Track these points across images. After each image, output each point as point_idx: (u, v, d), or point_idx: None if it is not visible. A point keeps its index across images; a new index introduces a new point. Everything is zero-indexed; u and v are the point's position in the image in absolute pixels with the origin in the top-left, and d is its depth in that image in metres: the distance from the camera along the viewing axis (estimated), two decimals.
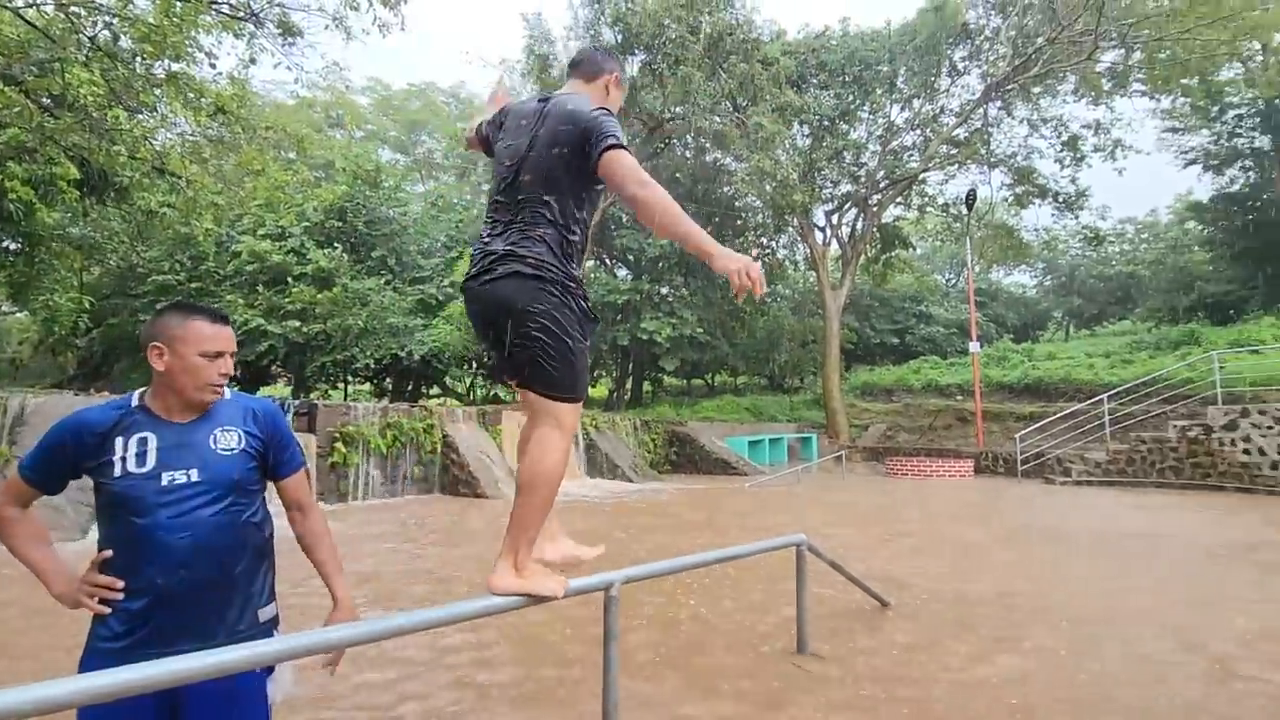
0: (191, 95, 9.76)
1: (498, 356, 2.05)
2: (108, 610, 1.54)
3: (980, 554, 6.26)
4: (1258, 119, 23.94)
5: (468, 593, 4.56)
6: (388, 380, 21.53)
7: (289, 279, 16.98)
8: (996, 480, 14.72)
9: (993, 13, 20.54)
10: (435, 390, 23.27)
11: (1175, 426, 12.51)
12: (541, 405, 1.98)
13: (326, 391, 21.01)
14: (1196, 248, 31.41)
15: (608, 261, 25.80)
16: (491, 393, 24.22)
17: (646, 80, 18.60)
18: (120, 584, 1.54)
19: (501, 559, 2.02)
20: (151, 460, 1.59)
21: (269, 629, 1.72)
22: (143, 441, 1.60)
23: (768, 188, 18.69)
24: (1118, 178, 21.19)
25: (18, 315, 20.36)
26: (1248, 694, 2.99)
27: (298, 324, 16.52)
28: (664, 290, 22.33)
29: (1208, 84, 20.95)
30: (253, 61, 10.27)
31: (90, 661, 1.54)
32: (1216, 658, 3.44)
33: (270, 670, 1.76)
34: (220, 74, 10.54)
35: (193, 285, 17.22)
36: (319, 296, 16.56)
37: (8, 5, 8.74)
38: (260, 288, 16.86)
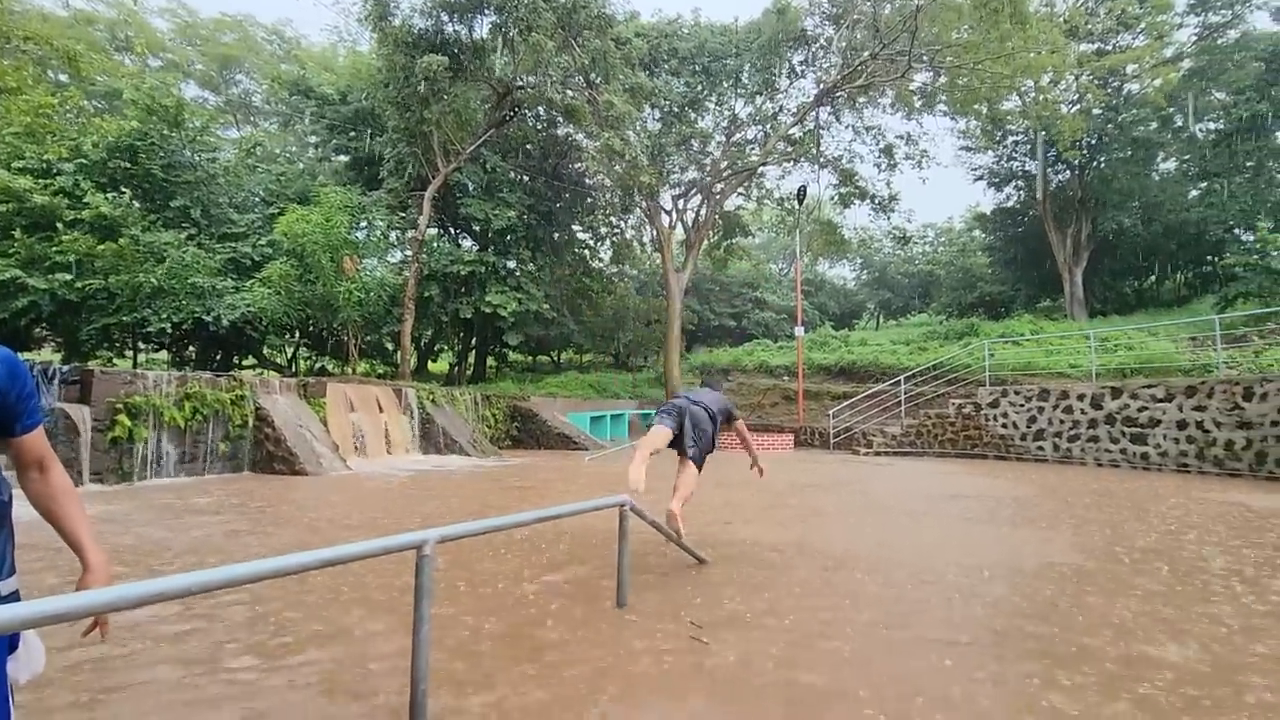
0: None
1: (678, 433, 4.80)
2: None
3: (790, 514, 6.86)
4: (1029, 146, 28.21)
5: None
6: (190, 348, 19.07)
7: (58, 225, 14.35)
8: (813, 452, 16.21)
9: (827, 23, 22.20)
10: (250, 361, 21.00)
11: (954, 404, 14.52)
12: (688, 463, 4.81)
13: (110, 359, 18.14)
14: (980, 253, 36.54)
15: (452, 231, 24.69)
16: (317, 364, 22.37)
17: (496, 44, 17.91)
18: None
19: (674, 501, 4.50)
20: None
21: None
22: None
23: (618, 167, 18.87)
24: (922, 186, 24.29)
25: None
26: (965, 605, 3.56)
27: (69, 278, 14.05)
28: (510, 264, 21.82)
29: (994, 112, 24.26)
30: None
31: None
32: (950, 583, 4.06)
33: (13, 648, 1.54)
34: None
35: None
36: (100, 248, 14.17)
37: None
38: (17, 232, 14.08)
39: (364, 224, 18.59)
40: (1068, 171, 27.61)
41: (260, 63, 32.33)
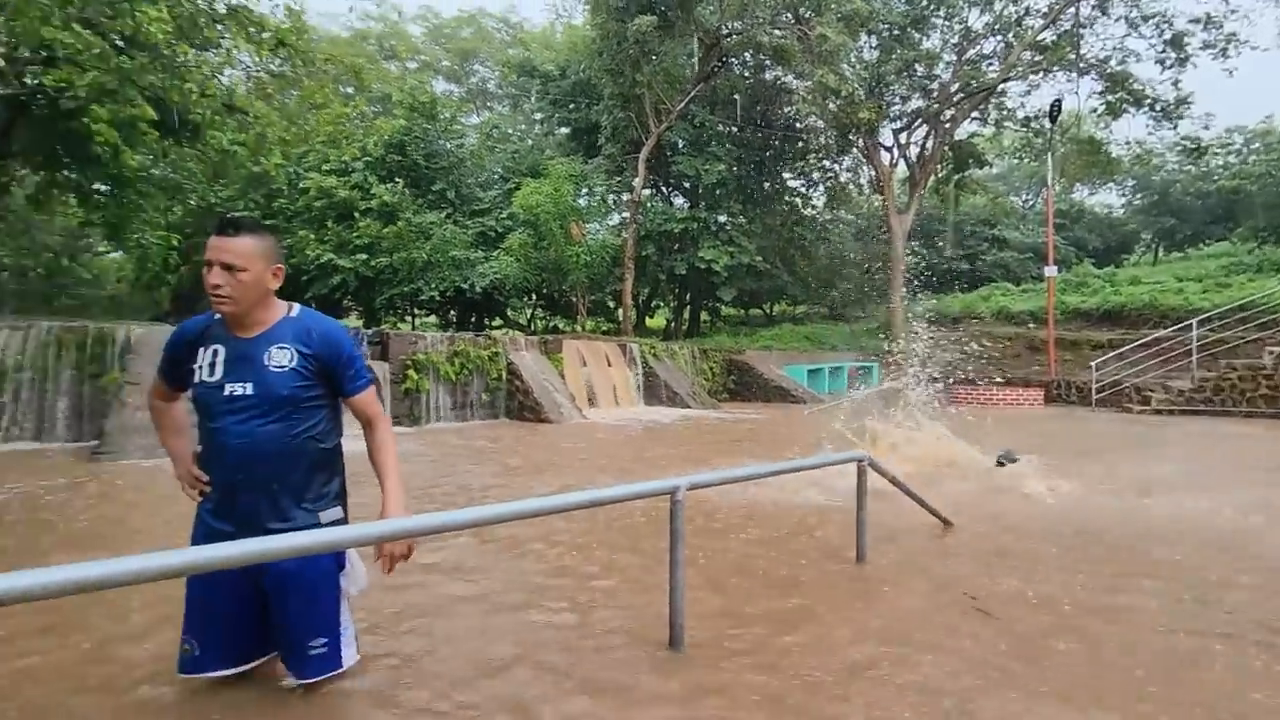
0: (253, 29, 9.92)
1: None
2: (196, 496, 1.83)
3: (1053, 474, 6.16)
4: None
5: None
6: (452, 312, 22.17)
7: (355, 214, 17.45)
8: (1069, 409, 14.23)
9: None
10: (498, 321, 23.86)
11: (1269, 353, 11.73)
12: None
13: (395, 323, 21.85)
14: None
15: (664, 190, 25.33)
16: (550, 323, 24.67)
17: None
18: (205, 476, 1.79)
19: None
20: (220, 371, 1.74)
21: None
22: (215, 353, 1.75)
23: (831, 105, 17.77)
24: (1227, 80, 19.14)
25: (114, 255, 21.74)
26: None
27: (365, 258, 17.07)
28: (722, 218, 21.84)
29: None
30: None
31: (196, 527, 1.82)
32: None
33: (342, 565, 1.92)
34: (277, 5, 10.62)
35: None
36: (385, 231, 17.01)
37: None
38: (329, 223, 17.43)
39: (585, 191, 19.87)
40: None
41: (492, 51, 35.62)
